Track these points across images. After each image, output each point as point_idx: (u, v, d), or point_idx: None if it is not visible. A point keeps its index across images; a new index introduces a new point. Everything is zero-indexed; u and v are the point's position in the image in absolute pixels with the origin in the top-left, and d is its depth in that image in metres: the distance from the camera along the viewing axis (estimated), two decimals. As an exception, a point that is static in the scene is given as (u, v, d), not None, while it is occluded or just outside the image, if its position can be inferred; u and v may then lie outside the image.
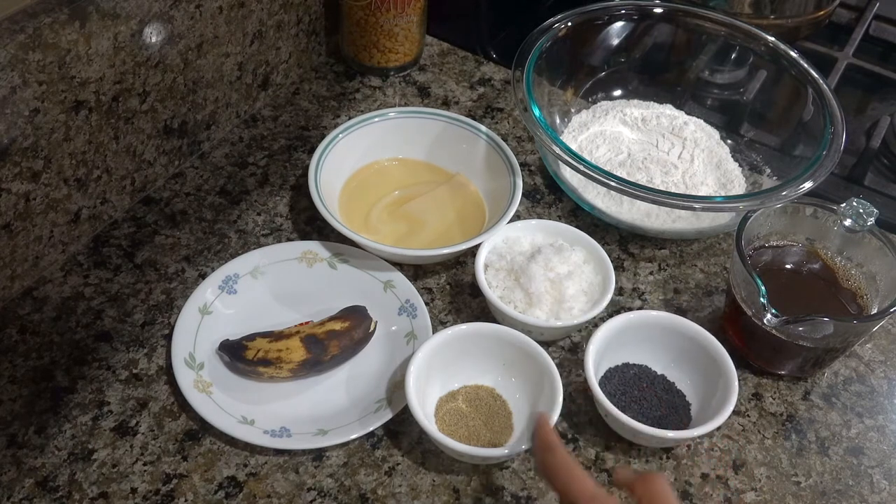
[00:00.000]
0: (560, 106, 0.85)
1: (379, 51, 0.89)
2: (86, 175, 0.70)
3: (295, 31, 0.87)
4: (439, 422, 0.62)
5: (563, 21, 0.83)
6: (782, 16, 0.96)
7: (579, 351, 0.69)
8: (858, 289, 0.68)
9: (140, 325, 0.68)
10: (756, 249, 0.70)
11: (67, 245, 0.72)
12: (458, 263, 0.75)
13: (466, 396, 0.64)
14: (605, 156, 0.82)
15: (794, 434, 0.66)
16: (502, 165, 0.77)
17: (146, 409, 0.63)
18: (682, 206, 0.70)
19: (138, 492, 0.59)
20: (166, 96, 0.74)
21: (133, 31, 0.68)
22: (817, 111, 0.78)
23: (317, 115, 0.87)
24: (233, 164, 0.82)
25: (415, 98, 0.90)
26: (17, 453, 0.60)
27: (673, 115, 0.85)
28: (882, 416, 0.67)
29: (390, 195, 0.78)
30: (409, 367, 0.61)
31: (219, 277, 0.69)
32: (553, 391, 0.61)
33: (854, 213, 0.67)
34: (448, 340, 0.63)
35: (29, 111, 0.62)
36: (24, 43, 0.60)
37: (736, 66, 0.90)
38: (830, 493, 0.62)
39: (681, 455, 0.64)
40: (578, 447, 0.63)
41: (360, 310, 0.67)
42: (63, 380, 0.64)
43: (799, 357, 0.66)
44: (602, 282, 0.69)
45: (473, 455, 0.59)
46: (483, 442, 0.61)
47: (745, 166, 0.83)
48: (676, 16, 0.88)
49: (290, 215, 0.77)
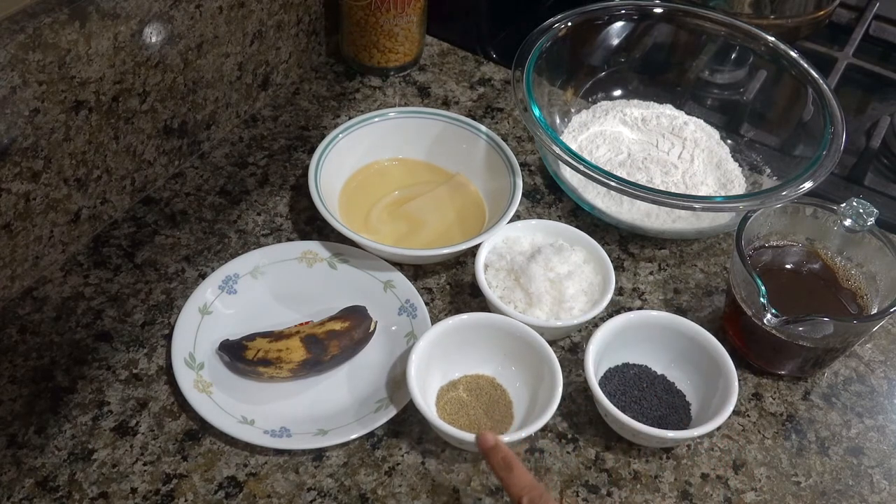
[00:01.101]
0: (560, 106, 0.85)
1: (379, 51, 0.89)
2: (86, 175, 0.70)
3: (295, 31, 0.87)
4: (440, 411, 0.63)
5: (563, 21, 0.83)
6: (782, 16, 0.96)
7: (579, 351, 0.69)
8: (858, 289, 0.68)
9: (140, 325, 0.68)
10: (756, 249, 0.70)
11: (67, 245, 0.72)
12: (458, 263, 0.75)
13: (467, 386, 0.65)
14: (605, 156, 0.82)
15: (794, 434, 0.66)
16: (502, 165, 0.77)
17: (146, 409, 0.63)
18: (682, 206, 0.70)
19: (138, 492, 0.59)
20: (166, 96, 0.74)
21: (133, 31, 0.68)
22: (817, 111, 0.78)
23: (317, 115, 0.87)
24: (233, 164, 0.82)
25: (415, 98, 0.90)
26: (17, 453, 0.60)
27: (673, 115, 0.85)
28: (882, 416, 0.67)
29: (390, 195, 0.78)
30: (411, 357, 0.61)
31: (219, 277, 0.69)
32: (553, 380, 0.61)
33: (854, 213, 0.67)
34: (449, 330, 0.64)
35: (29, 111, 0.62)
36: (24, 43, 0.60)
37: (736, 66, 0.90)
38: (830, 493, 0.62)
39: (681, 455, 0.64)
40: (578, 447, 0.63)
41: (360, 310, 0.67)
42: (63, 380, 0.64)
43: (799, 357, 0.66)
44: (602, 282, 0.69)
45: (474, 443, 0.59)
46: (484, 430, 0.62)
47: (745, 166, 0.83)
48: (676, 16, 0.88)
49: (290, 215, 0.77)
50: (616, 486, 0.61)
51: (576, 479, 0.62)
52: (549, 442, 0.64)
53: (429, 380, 0.63)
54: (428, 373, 0.63)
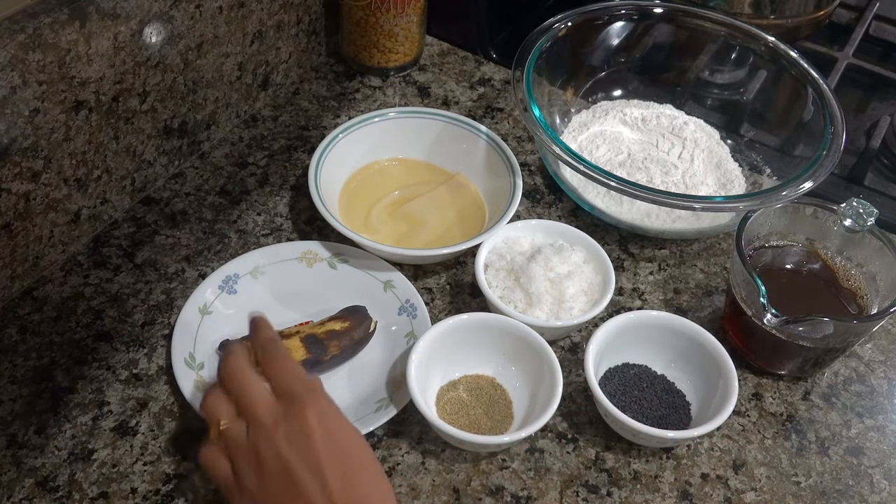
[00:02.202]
0: (560, 106, 0.85)
1: (379, 51, 0.89)
2: (86, 175, 0.70)
3: (295, 31, 0.87)
4: (440, 411, 0.63)
5: (563, 21, 0.83)
6: (782, 16, 0.96)
7: (579, 351, 0.69)
8: (858, 289, 0.68)
9: (140, 325, 0.68)
10: (756, 249, 0.70)
11: (67, 245, 0.72)
12: (458, 263, 0.75)
13: (467, 386, 0.65)
14: (605, 156, 0.82)
15: (794, 434, 0.66)
16: (502, 165, 0.77)
17: (146, 409, 0.63)
18: (682, 206, 0.70)
19: (138, 492, 0.59)
20: (166, 96, 0.74)
21: (133, 31, 0.68)
22: (817, 111, 0.78)
23: (317, 115, 0.87)
24: (233, 164, 0.82)
25: (415, 98, 0.90)
26: (17, 453, 0.60)
27: (673, 115, 0.85)
28: (882, 416, 0.67)
29: (390, 195, 0.78)
30: (411, 357, 0.61)
31: (219, 277, 0.69)
32: (553, 380, 0.61)
33: (854, 213, 0.67)
34: (449, 330, 0.64)
35: (29, 111, 0.62)
36: (24, 43, 0.60)
37: (736, 66, 0.90)
38: (830, 493, 0.62)
39: (681, 455, 0.64)
40: (578, 447, 0.63)
41: (360, 310, 0.67)
42: (63, 380, 0.64)
43: (799, 357, 0.66)
44: (602, 282, 0.69)
45: (474, 443, 0.59)
46: (484, 430, 0.62)
47: (745, 166, 0.83)
48: (676, 16, 0.88)
49: (290, 215, 0.77)
50: (616, 486, 0.61)
51: (576, 479, 0.62)
52: (549, 442, 0.64)
53: (429, 380, 0.63)
54: (428, 373, 0.63)
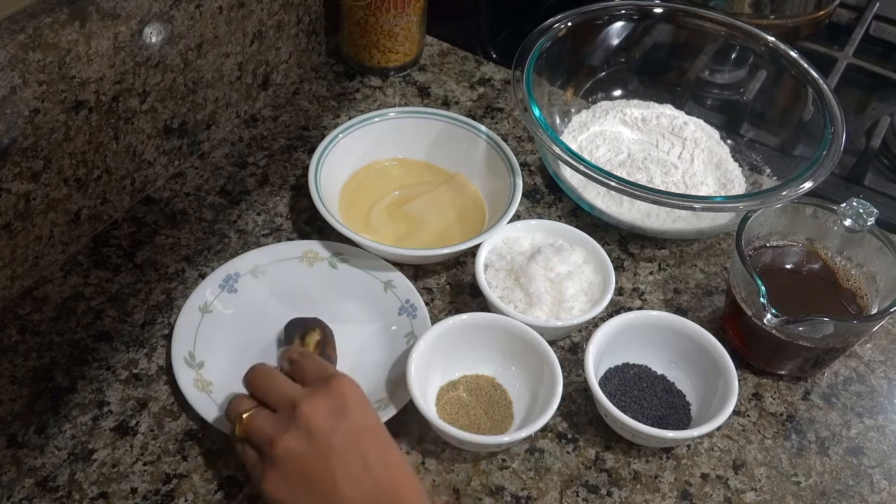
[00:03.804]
0: (560, 106, 0.85)
1: (379, 51, 0.89)
2: (86, 175, 0.70)
3: (295, 31, 0.87)
4: (440, 411, 0.63)
5: (563, 21, 0.83)
6: (782, 16, 0.96)
7: (579, 351, 0.69)
8: (858, 289, 0.68)
9: (140, 325, 0.68)
10: (756, 249, 0.70)
11: (67, 245, 0.72)
12: (458, 263, 0.75)
13: (467, 386, 0.65)
14: (605, 156, 0.82)
15: (794, 434, 0.66)
16: (502, 165, 0.77)
17: (146, 409, 0.63)
18: (682, 206, 0.70)
19: (138, 492, 0.59)
20: (166, 96, 0.74)
21: (133, 31, 0.68)
22: (817, 111, 0.78)
23: (317, 115, 0.87)
24: (233, 164, 0.82)
25: (415, 98, 0.90)
26: (17, 453, 0.60)
27: (673, 115, 0.85)
28: (882, 416, 0.67)
29: (390, 195, 0.78)
30: (411, 357, 0.61)
31: (219, 276, 0.69)
32: (553, 380, 0.61)
33: (854, 213, 0.67)
34: (449, 330, 0.64)
35: (29, 111, 0.62)
36: (24, 43, 0.60)
37: (736, 66, 0.90)
38: (830, 493, 0.62)
39: (681, 455, 0.64)
40: (578, 447, 0.63)
41: (307, 322, 0.64)
42: (63, 380, 0.64)
43: (799, 357, 0.66)
44: (602, 282, 0.69)
45: (474, 443, 0.59)
46: (484, 430, 0.62)
47: (745, 166, 0.83)
48: (676, 16, 0.88)
49: (290, 215, 0.77)
50: (616, 486, 0.61)
51: (576, 479, 0.62)
52: (549, 442, 0.64)
53: (429, 380, 0.63)
54: (428, 373, 0.63)
